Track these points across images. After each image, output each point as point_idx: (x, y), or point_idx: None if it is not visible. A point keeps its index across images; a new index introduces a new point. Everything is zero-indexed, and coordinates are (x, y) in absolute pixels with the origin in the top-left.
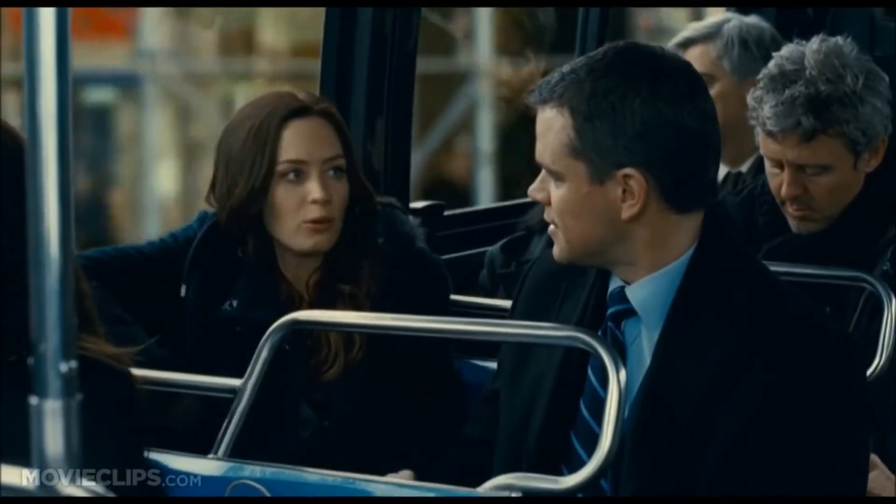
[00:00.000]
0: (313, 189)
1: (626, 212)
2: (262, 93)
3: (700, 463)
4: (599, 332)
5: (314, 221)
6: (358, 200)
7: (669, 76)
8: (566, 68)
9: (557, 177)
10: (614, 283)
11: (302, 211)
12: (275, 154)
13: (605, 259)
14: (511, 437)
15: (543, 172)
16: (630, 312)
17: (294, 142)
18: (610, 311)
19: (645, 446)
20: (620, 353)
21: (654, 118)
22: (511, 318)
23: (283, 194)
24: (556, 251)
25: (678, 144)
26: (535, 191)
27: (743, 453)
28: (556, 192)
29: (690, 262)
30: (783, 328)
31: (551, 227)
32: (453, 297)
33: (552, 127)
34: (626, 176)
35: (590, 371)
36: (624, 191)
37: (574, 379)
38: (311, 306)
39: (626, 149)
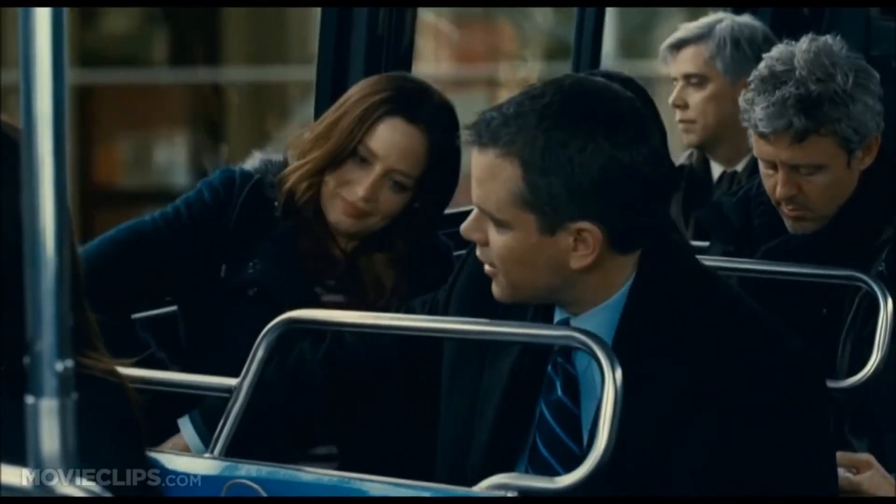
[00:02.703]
0: (363, 185)
1: (578, 262)
2: None
3: (659, 493)
4: (549, 368)
5: (349, 202)
6: (411, 223)
7: (623, 118)
8: (507, 109)
9: (500, 224)
10: (559, 314)
11: (345, 188)
12: (365, 134)
13: (549, 299)
14: (453, 440)
15: (477, 212)
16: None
17: (383, 137)
18: (557, 345)
19: (601, 477)
20: (575, 391)
21: (610, 168)
22: (446, 308)
23: (346, 167)
24: (498, 292)
25: (632, 192)
26: (469, 230)
27: (711, 481)
28: (500, 238)
29: (629, 293)
30: (733, 352)
31: (488, 268)
32: None
33: (497, 176)
34: (580, 229)
35: (543, 407)
36: (575, 240)
37: (527, 388)
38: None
39: (581, 203)
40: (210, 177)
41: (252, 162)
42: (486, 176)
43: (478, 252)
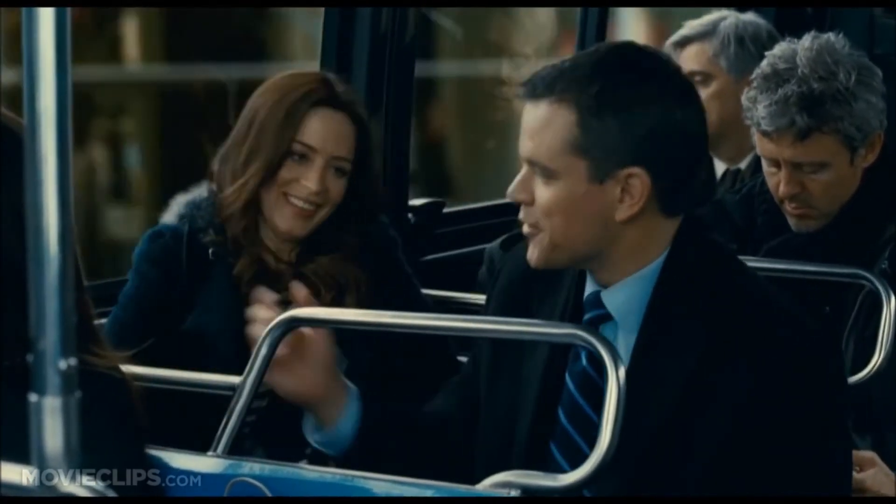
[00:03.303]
0: (311, 177)
1: (623, 212)
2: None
3: (679, 466)
4: None
5: (298, 206)
6: (356, 204)
7: (673, 78)
8: (563, 64)
9: (550, 175)
10: (590, 287)
11: (291, 187)
12: (295, 132)
13: (584, 262)
14: (494, 442)
15: (525, 171)
16: (606, 317)
17: (314, 129)
18: (586, 317)
19: (623, 450)
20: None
21: (664, 119)
22: (485, 314)
23: (283, 167)
24: (535, 255)
25: (682, 147)
26: (516, 192)
27: (728, 457)
28: (546, 191)
29: (665, 265)
30: (760, 328)
31: (528, 229)
32: (452, 294)
33: (550, 123)
34: (630, 175)
35: (567, 377)
36: (622, 190)
37: (553, 385)
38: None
39: (633, 148)
40: (142, 248)
41: (173, 211)
42: (539, 125)
43: (521, 214)
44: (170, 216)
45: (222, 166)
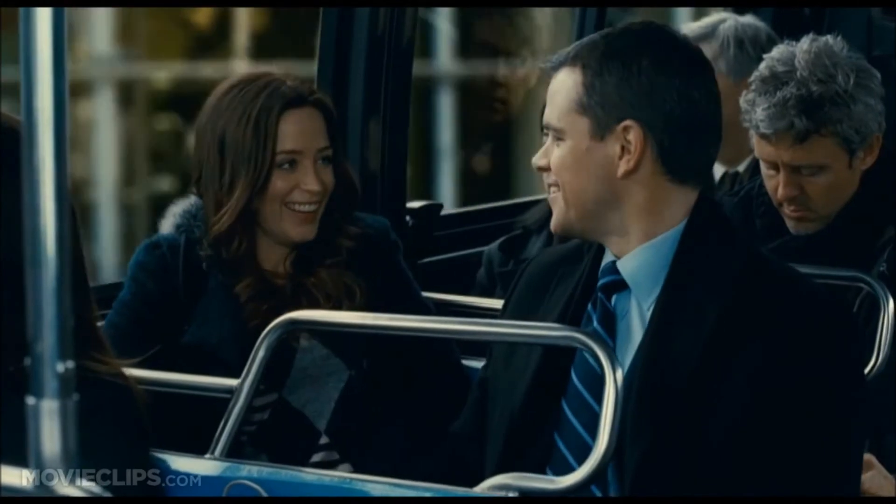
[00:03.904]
0: (308, 179)
1: (623, 167)
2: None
3: (701, 426)
4: (590, 305)
5: (304, 211)
6: (342, 187)
7: (682, 50)
8: (584, 41)
9: (560, 135)
10: (607, 259)
11: (290, 195)
12: (274, 145)
13: (599, 226)
14: (499, 436)
15: (548, 141)
16: (621, 285)
17: (292, 133)
18: (600, 283)
19: (645, 415)
20: (611, 326)
21: (661, 81)
22: (503, 314)
23: (276, 182)
24: (554, 218)
25: (681, 111)
26: (538, 158)
27: (751, 421)
28: (557, 151)
29: (683, 233)
30: (781, 292)
31: (551, 194)
32: (450, 297)
33: (562, 87)
34: (626, 128)
35: (573, 371)
36: (622, 147)
37: (554, 379)
38: (290, 297)
39: (630, 104)
40: (139, 259)
41: (170, 221)
42: (554, 91)
43: (545, 178)
44: (167, 226)
45: (204, 194)
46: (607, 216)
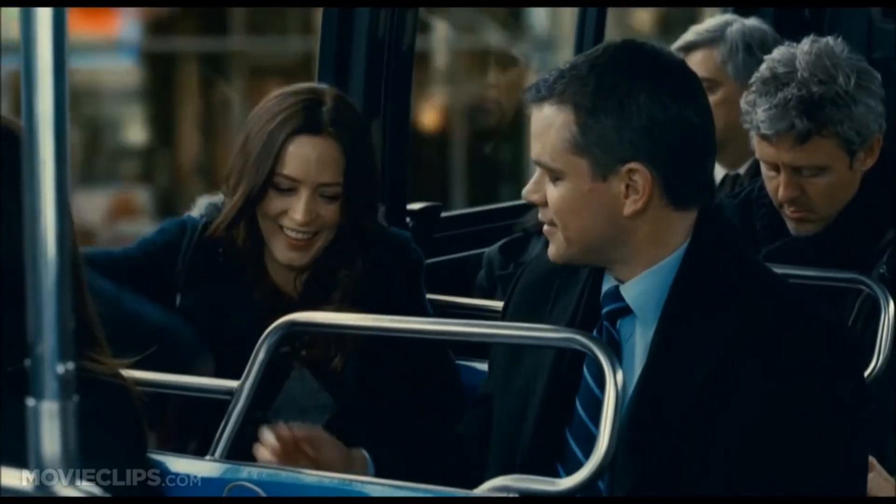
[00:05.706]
0: (298, 209)
1: (630, 207)
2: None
3: (698, 458)
4: (595, 332)
5: (294, 238)
6: (352, 225)
7: (671, 72)
8: (565, 65)
9: (557, 175)
10: (608, 283)
11: (283, 219)
12: (275, 165)
13: (602, 257)
14: (505, 437)
15: (538, 173)
16: (625, 311)
17: (295, 159)
18: (605, 309)
19: (639, 444)
20: (616, 352)
21: (659, 113)
22: (502, 319)
23: (271, 200)
24: (553, 251)
25: (682, 140)
26: (530, 192)
27: (751, 448)
28: (556, 191)
29: (684, 257)
30: (782, 320)
31: (546, 227)
32: (451, 298)
33: (552, 124)
34: (631, 171)
35: (586, 370)
36: (627, 186)
37: (569, 377)
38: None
39: (631, 144)
40: (163, 225)
41: (199, 208)
42: (542, 128)
43: (539, 215)
44: (195, 213)
45: (225, 182)
46: (612, 249)
